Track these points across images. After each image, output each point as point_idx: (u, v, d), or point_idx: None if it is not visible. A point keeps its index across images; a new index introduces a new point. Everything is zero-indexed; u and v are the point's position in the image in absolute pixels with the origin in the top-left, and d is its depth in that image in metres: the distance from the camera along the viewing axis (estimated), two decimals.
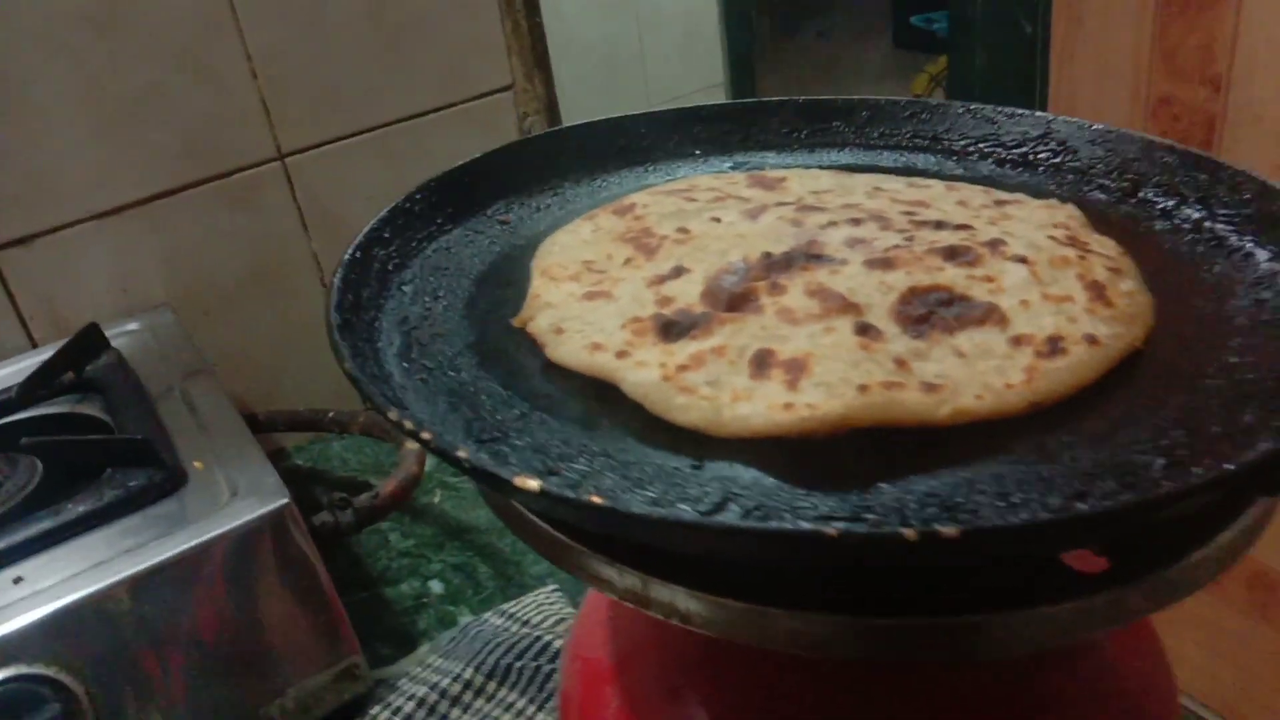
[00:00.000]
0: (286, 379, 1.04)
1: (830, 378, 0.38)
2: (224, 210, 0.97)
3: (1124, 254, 0.47)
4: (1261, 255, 0.48)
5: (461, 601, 0.86)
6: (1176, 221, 0.52)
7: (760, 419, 0.37)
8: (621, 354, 0.41)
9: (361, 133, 1.02)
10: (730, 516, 0.33)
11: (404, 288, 0.50)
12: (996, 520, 0.32)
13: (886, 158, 0.62)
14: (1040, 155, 0.60)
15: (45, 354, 0.84)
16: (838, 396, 0.37)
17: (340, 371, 0.39)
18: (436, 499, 0.98)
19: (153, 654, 0.64)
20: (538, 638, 0.76)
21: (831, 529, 0.29)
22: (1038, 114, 0.60)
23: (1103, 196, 0.56)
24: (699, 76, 2.32)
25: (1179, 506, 0.33)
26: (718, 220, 0.51)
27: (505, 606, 0.81)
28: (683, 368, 0.40)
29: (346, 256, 0.47)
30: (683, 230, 0.50)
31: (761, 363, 0.39)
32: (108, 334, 0.87)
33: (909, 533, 0.29)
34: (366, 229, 0.50)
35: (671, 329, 0.42)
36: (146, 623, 0.63)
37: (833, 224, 0.49)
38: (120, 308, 0.93)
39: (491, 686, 0.72)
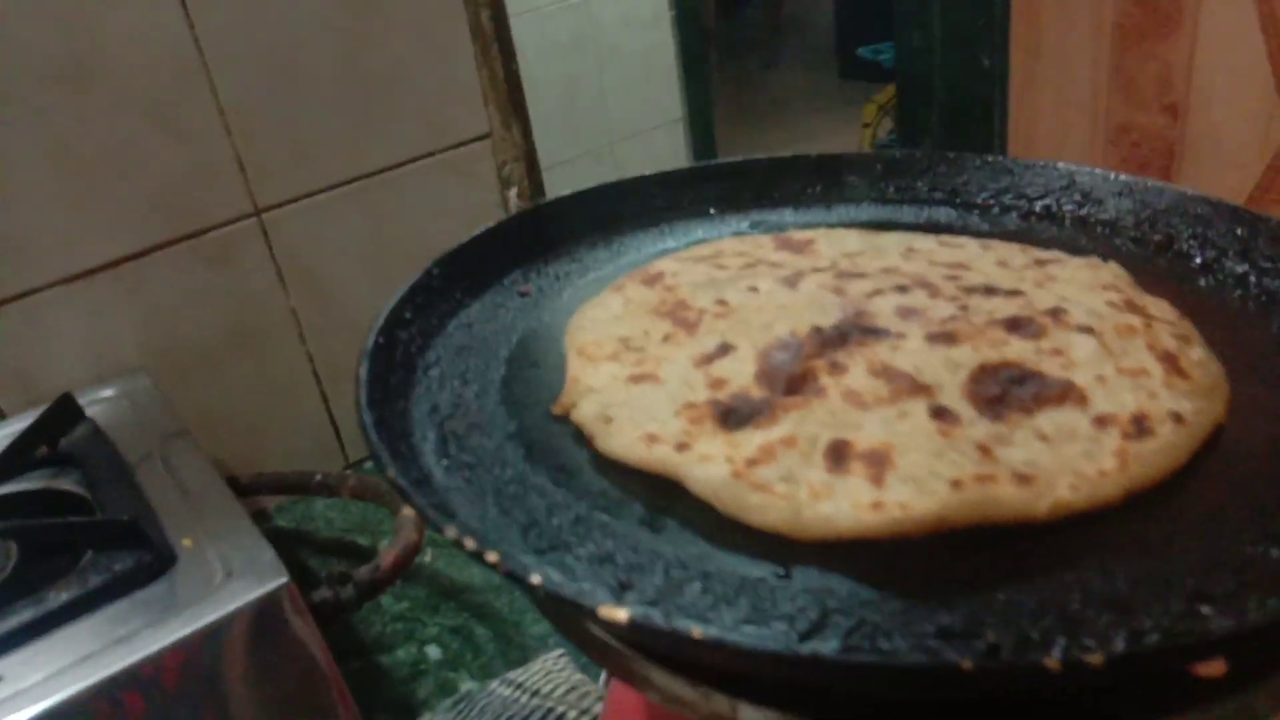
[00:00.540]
0: (268, 440, 0.99)
1: (917, 471, 0.35)
2: (199, 269, 0.93)
3: (1183, 318, 0.46)
4: None
5: (461, 667, 0.82)
6: (1220, 277, 0.51)
7: (846, 520, 0.34)
8: (681, 446, 0.39)
9: (338, 185, 0.98)
10: (832, 639, 0.31)
11: (430, 371, 0.47)
12: (1138, 642, 0.30)
13: (906, 212, 0.60)
14: (1065, 208, 0.58)
15: (16, 426, 0.79)
16: (929, 493, 0.34)
17: (321, 427, 0.36)
18: (428, 558, 0.94)
19: None
20: (550, 709, 0.73)
21: (966, 662, 0.27)
22: (1059, 165, 0.59)
23: (1136, 250, 0.55)
24: (659, 113, 2.31)
25: None
26: (755, 290, 0.49)
27: (511, 675, 0.78)
28: (752, 462, 0.37)
29: (370, 344, 0.44)
30: (720, 302, 0.48)
31: (838, 455, 0.37)
32: (82, 401, 0.83)
33: (1051, 664, 0.27)
34: (387, 310, 0.47)
35: (731, 416, 0.40)
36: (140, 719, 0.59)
37: (878, 291, 0.47)
38: (94, 374, 0.89)
39: None
